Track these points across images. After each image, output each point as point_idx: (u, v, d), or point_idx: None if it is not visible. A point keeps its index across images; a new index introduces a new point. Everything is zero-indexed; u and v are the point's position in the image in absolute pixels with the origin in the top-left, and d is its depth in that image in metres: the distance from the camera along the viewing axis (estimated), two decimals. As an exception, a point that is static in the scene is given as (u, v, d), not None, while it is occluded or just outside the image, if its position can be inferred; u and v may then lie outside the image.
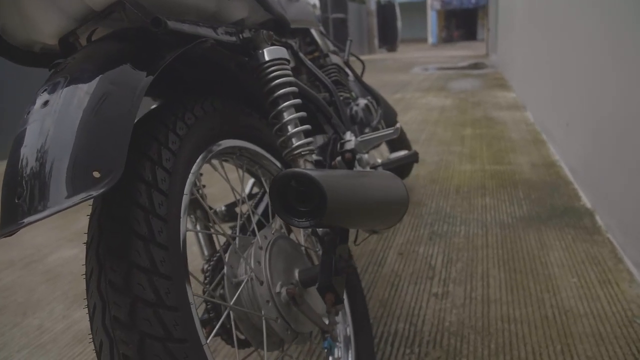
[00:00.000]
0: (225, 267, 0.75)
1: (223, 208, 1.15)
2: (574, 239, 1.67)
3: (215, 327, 0.73)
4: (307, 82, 1.49)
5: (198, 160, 0.70)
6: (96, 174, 0.46)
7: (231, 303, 0.69)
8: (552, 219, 1.86)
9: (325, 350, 0.88)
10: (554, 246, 1.64)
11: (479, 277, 1.47)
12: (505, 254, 1.60)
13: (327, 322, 0.80)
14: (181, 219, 0.60)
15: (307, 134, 0.85)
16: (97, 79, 0.52)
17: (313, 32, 1.69)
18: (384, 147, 2.38)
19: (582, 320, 1.23)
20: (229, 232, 1.19)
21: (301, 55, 1.33)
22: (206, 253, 1.00)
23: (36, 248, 1.96)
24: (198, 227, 1.00)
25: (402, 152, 1.26)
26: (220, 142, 0.77)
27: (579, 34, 2.19)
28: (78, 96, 0.50)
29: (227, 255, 0.77)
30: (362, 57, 13.22)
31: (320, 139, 1.38)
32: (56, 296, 1.60)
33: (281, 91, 0.83)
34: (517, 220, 1.88)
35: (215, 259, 0.83)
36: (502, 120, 3.79)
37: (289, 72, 0.85)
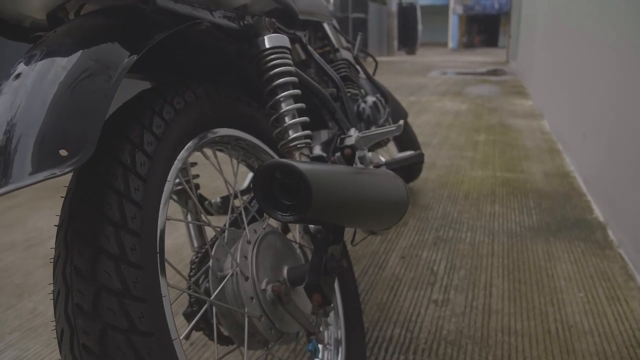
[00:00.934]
0: (210, 260, 0.73)
1: (218, 200, 1.12)
2: (584, 253, 1.62)
3: (195, 321, 0.70)
4: (315, 76, 1.45)
5: (187, 147, 0.67)
6: (63, 153, 0.43)
7: (211, 298, 0.66)
8: (562, 231, 1.80)
9: (309, 353, 0.84)
10: (562, 259, 1.58)
11: (481, 286, 1.42)
12: (511, 264, 1.55)
13: (314, 323, 0.76)
14: (161, 207, 0.57)
15: (304, 126, 0.82)
16: (76, 54, 0.49)
17: (325, 26, 1.66)
18: (393, 148, 2.34)
19: (587, 337, 1.17)
20: (225, 225, 1.17)
21: (310, 48, 1.30)
22: (196, 245, 0.97)
23: (39, 231, 1.96)
24: (189, 218, 0.98)
25: (408, 153, 1.23)
26: (213, 130, 0.74)
27: (600, 45, 2.12)
28: (54, 70, 0.47)
29: (214, 247, 0.74)
30: (380, 59, 13.15)
31: (325, 134, 1.34)
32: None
33: (280, 80, 0.80)
34: (525, 229, 1.82)
35: (203, 251, 0.81)
36: (517, 128, 3.71)
37: (290, 61, 0.82)
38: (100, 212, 0.49)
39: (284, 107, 0.80)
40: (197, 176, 0.93)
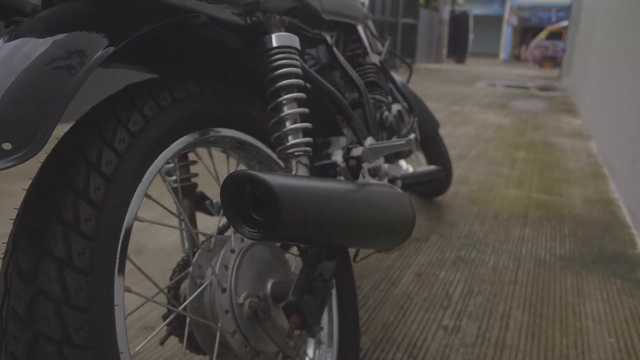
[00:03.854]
0: (191, 267, 0.69)
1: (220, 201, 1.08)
2: (620, 292, 1.48)
3: (158, 329, 0.66)
4: (340, 80, 1.40)
5: (171, 147, 0.63)
6: (6, 146, 0.39)
7: (181, 307, 0.62)
8: (597, 264, 1.66)
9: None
10: (593, 296, 1.45)
11: (498, 316, 1.32)
12: (534, 295, 1.44)
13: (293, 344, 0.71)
14: (129, 208, 0.54)
15: (306, 132, 0.77)
16: (45, 42, 0.46)
17: (359, 28, 1.60)
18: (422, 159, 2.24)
19: (609, 387, 1.06)
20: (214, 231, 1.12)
21: (335, 50, 1.25)
22: (186, 247, 0.94)
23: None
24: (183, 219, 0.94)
25: (428, 167, 1.15)
26: (206, 129, 0.70)
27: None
28: (16, 59, 0.44)
29: (197, 254, 0.70)
30: (428, 66, 12.90)
31: (343, 141, 1.28)
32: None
33: (284, 82, 0.75)
34: (555, 258, 1.69)
35: (185, 257, 0.77)
36: (561, 147, 3.52)
37: (297, 62, 0.77)
38: (53, 210, 0.46)
39: (286, 110, 0.75)
40: (195, 175, 0.90)
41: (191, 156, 0.90)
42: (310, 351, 0.90)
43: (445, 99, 6.06)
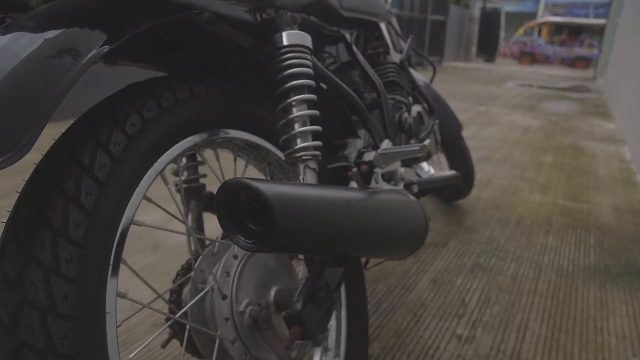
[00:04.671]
0: (193, 272, 0.67)
1: None
2: (646, 306, 1.41)
3: (156, 335, 0.65)
4: (358, 80, 1.36)
5: (174, 149, 0.61)
6: None
7: (177, 315, 0.61)
8: (623, 277, 1.58)
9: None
10: (617, 311, 1.38)
11: (514, 327, 1.28)
12: (554, 307, 1.38)
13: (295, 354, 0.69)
14: (125, 213, 0.52)
15: (315, 136, 0.74)
16: (37, 39, 0.45)
17: (382, 26, 1.56)
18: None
19: (631, 410, 1.01)
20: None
21: (354, 49, 1.22)
22: (192, 250, 0.93)
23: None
24: (190, 220, 0.92)
25: (446, 173, 1.11)
26: (215, 130, 0.69)
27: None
28: (5, 57, 0.43)
29: (199, 258, 0.69)
30: (456, 65, 12.67)
31: (360, 143, 1.25)
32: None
33: (294, 82, 0.72)
34: (579, 269, 1.63)
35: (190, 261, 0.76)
36: (592, 152, 3.39)
37: (308, 62, 0.75)
38: (42, 215, 0.44)
39: (295, 112, 0.73)
40: (204, 176, 0.88)
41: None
42: (316, 358, 0.88)
43: (472, 99, 5.94)
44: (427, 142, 0.77)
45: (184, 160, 0.87)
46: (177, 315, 0.62)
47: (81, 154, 0.48)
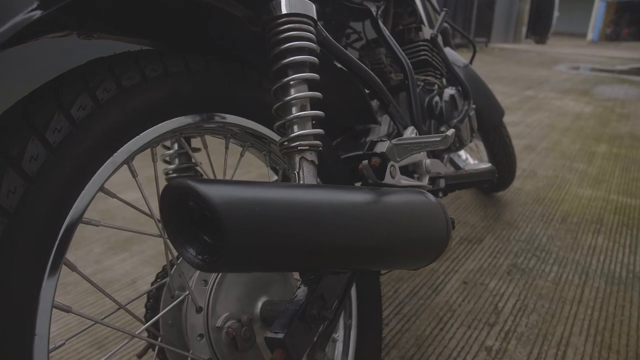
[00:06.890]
0: (168, 279, 0.58)
1: None
2: None
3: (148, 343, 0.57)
4: (386, 59, 1.23)
5: (140, 136, 0.52)
6: None
7: (143, 328, 0.52)
8: (685, 287, 1.39)
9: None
10: (677, 326, 1.21)
11: (554, 342, 1.13)
12: (602, 321, 1.22)
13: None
14: (69, 215, 0.43)
15: (316, 122, 0.63)
16: None
17: (417, 0, 1.41)
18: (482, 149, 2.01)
19: None
20: None
21: (380, 24, 1.08)
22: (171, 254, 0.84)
23: (106, 185, 2.01)
24: None
25: (479, 166, 0.97)
26: (188, 115, 0.59)
27: None
28: None
29: (174, 265, 0.59)
30: (504, 46, 12.06)
31: (384, 130, 1.12)
32: (99, 237, 1.60)
33: (292, 58, 0.61)
34: (633, 276, 1.44)
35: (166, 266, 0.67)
36: (652, 142, 3.08)
37: (311, 35, 0.63)
38: None
39: (293, 93, 0.61)
40: (194, 165, 0.79)
41: (196, 142, 0.79)
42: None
43: (519, 82, 5.59)
44: (450, 132, 0.64)
45: (176, 146, 0.78)
46: (143, 327, 0.54)
47: (10, 143, 0.40)
